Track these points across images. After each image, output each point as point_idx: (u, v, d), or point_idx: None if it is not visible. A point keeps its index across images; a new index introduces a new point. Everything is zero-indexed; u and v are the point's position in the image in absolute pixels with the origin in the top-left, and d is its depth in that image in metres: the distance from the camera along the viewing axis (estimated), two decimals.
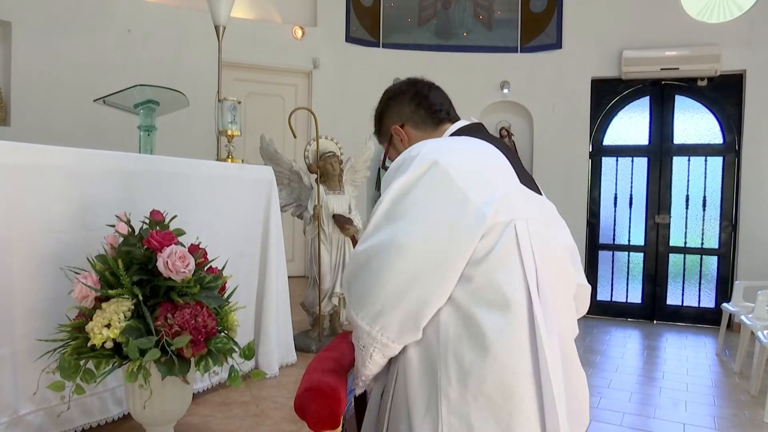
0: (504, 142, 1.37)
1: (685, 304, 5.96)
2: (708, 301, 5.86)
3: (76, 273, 1.85)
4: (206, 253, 2.03)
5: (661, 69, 5.70)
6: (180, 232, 1.98)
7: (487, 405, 1.02)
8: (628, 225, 6.16)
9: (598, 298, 6.23)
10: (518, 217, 1.10)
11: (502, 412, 1.02)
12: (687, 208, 5.93)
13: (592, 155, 6.21)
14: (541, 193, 1.29)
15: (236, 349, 1.95)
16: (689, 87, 5.86)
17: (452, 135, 1.36)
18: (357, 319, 1.10)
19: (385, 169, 1.57)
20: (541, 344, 1.04)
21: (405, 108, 1.44)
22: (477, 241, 1.05)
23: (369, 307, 1.07)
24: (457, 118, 1.44)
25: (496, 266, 1.06)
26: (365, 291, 1.08)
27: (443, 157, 1.11)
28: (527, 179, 1.24)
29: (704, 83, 5.79)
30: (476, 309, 1.04)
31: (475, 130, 1.34)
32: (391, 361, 1.17)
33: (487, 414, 1.02)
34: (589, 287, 1.32)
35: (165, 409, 1.91)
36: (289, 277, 3.40)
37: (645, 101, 6.06)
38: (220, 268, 2.08)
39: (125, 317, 1.74)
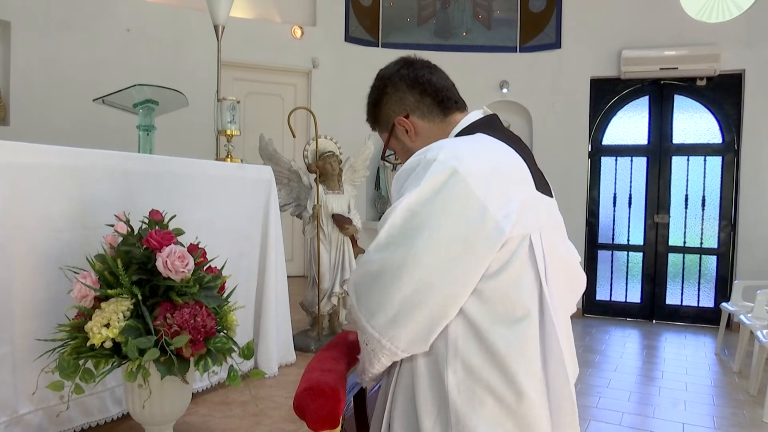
0: (519, 139, 1.26)
1: (684, 304, 5.96)
2: (707, 301, 5.87)
3: (76, 272, 1.85)
4: (205, 253, 2.03)
5: (660, 69, 5.71)
6: (179, 232, 1.98)
7: (495, 416, 1.02)
8: (627, 224, 6.16)
9: (598, 297, 6.24)
10: (533, 229, 1.07)
11: (509, 422, 1.02)
12: (686, 207, 5.94)
13: (591, 155, 6.21)
14: (551, 194, 1.26)
15: (235, 349, 1.95)
16: (688, 86, 5.87)
17: (465, 129, 1.26)
18: (368, 327, 1.07)
19: (385, 161, 1.51)
20: (557, 356, 1.04)
21: (408, 96, 1.30)
22: (493, 255, 1.02)
23: (380, 317, 1.05)
24: (464, 105, 1.33)
25: (510, 281, 1.04)
26: (377, 303, 1.05)
27: (462, 164, 1.04)
28: (540, 181, 1.20)
29: (703, 83, 5.79)
30: (487, 323, 1.03)
31: (489, 126, 1.25)
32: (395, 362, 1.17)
33: (495, 424, 1.02)
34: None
35: (164, 408, 1.91)
36: (288, 276, 3.40)
37: (644, 101, 6.06)
38: (219, 267, 2.08)
39: (124, 317, 1.74)
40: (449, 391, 1.03)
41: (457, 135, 1.26)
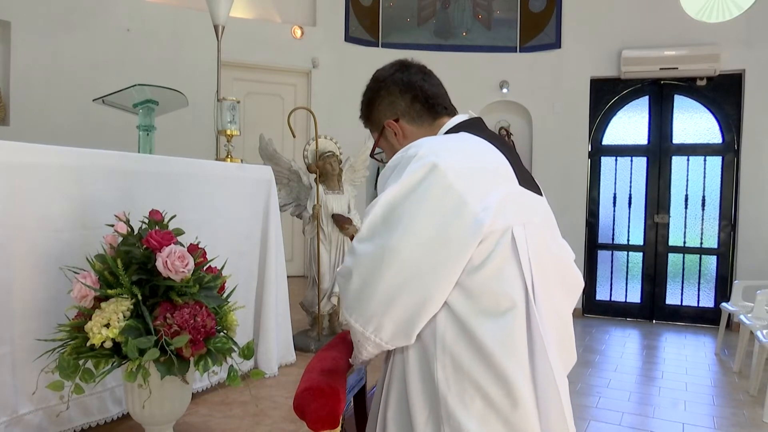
0: (503, 139, 1.28)
1: (684, 304, 5.96)
2: (707, 301, 5.87)
3: (75, 272, 1.85)
4: (205, 253, 2.03)
5: (660, 69, 5.71)
6: (179, 232, 1.98)
7: (484, 411, 1.01)
8: (627, 225, 6.16)
9: (597, 297, 6.24)
10: (516, 222, 1.07)
11: (499, 419, 1.01)
12: (686, 207, 5.94)
13: (591, 155, 6.21)
14: (540, 193, 1.26)
15: (235, 349, 1.95)
16: (688, 87, 5.87)
17: (450, 130, 1.29)
18: (351, 320, 1.10)
19: (374, 158, 1.50)
20: (542, 349, 1.04)
21: (399, 101, 1.34)
22: (473, 249, 1.03)
23: (361, 310, 1.07)
24: (454, 111, 1.37)
25: (492, 274, 1.04)
26: (358, 294, 1.07)
27: (442, 160, 1.06)
28: (526, 179, 1.21)
29: (703, 83, 5.79)
30: (472, 317, 1.03)
31: (473, 126, 1.27)
32: (388, 353, 1.18)
33: (484, 421, 1.01)
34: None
35: (164, 408, 1.91)
36: (288, 276, 3.40)
37: (644, 101, 6.06)
38: (219, 267, 2.08)
39: (124, 317, 1.74)
40: (439, 388, 1.03)
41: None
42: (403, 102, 1.33)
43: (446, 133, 1.29)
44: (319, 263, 3.83)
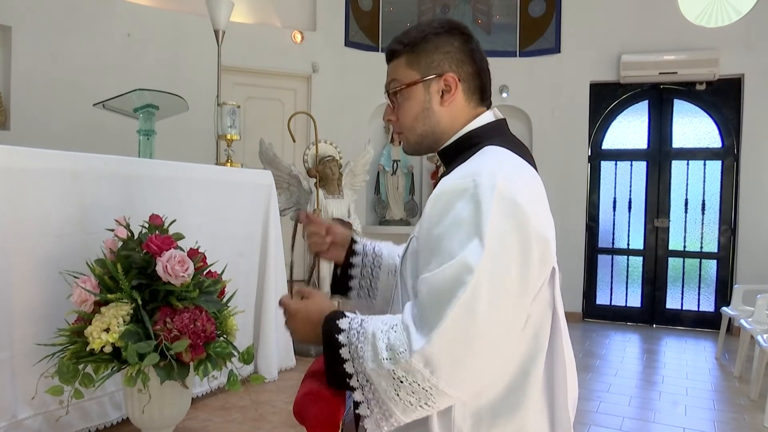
0: (527, 148, 1.18)
1: (684, 308, 5.95)
2: (707, 305, 5.86)
3: (75, 277, 1.85)
4: (205, 258, 2.03)
5: (660, 73, 5.71)
6: (179, 236, 1.99)
7: None
8: (627, 229, 6.16)
9: (598, 301, 6.23)
10: (554, 259, 1.02)
11: None
12: (686, 211, 5.93)
13: (591, 159, 6.22)
14: None
15: (235, 354, 1.95)
16: (688, 91, 5.88)
17: (479, 129, 1.16)
18: (448, 389, 0.92)
19: (389, 95, 1.25)
20: (563, 398, 1.02)
21: (467, 65, 1.15)
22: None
23: (466, 385, 0.95)
24: (490, 102, 1.23)
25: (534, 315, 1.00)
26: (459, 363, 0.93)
27: (532, 217, 0.94)
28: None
29: (703, 87, 5.80)
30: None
31: (503, 132, 1.17)
32: None
33: None
34: None
35: (164, 413, 1.91)
36: (288, 281, 3.40)
37: (644, 105, 6.07)
38: (219, 272, 2.08)
39: (124, 321, 1.74)
40: (455, 422, 1.00)
41: (469, 133, 1.17)
42: (471, 68, 1.16)
43: (475, 131, 1.16)
44: (319, 268, 3.83)
